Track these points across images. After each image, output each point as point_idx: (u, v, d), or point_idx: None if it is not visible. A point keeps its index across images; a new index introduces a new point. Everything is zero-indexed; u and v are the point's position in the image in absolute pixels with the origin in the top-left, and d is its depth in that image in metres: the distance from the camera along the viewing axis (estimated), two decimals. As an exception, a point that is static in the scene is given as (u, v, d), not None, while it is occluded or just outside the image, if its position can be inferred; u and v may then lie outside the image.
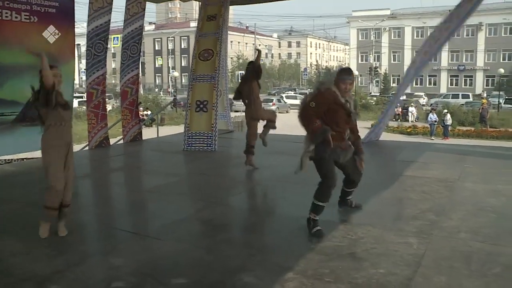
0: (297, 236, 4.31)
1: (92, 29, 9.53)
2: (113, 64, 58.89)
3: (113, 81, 53.75)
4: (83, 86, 56.64)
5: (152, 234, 4.47)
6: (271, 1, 12.75)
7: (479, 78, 57.08)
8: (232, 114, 21.77)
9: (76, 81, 68.72)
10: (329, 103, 4.20)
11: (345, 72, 4.38)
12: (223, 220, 4.90)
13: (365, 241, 4.10)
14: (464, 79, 57.59)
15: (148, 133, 16.51)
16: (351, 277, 3.41)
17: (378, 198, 5.55)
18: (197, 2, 10.42)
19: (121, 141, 11.00)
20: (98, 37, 9.62)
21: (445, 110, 25.24)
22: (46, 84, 4.09)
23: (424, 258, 3.71)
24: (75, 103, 26.64)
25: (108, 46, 10.20)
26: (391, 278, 3.37)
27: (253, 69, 7.23)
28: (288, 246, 4.05)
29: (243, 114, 7.64)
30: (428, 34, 50.79)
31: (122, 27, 10.35)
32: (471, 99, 39.62)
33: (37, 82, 4.25)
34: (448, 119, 23.70)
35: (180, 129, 9.80)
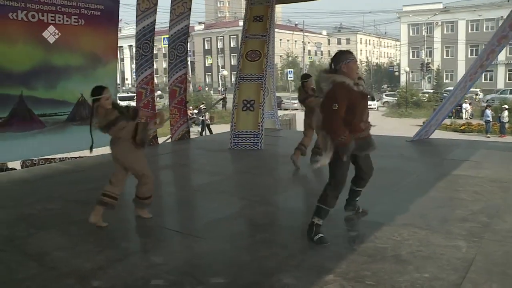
0: (339, 237, 4.20)
1: (140, 30, 9.73)
2: (164, 64, 59.98)
3: (164, 80, 54.91)
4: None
5: (194, 233, 4.48)
6: (318, -2, 12.61)
7: (541, 72, 54.09)
8: (281, 112, 21.69)
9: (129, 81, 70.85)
10: (348, 98, 3.82)
11: (344, 54, 3.99)
12: (264, 220, 4.84)
13: (410, 243, 3.93)
14: (525, 74, 54.74)
15: (197, 131, 16.70)
16: (394, 280, 3.27)
17: (426, 198, 5.33)
18: (246, 1, 10.41)
19: (169, 140, 11.16)
20: (145, 37, 9.81)
21: (504, 106, 24.08)
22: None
23: (474, 263, 3.51)
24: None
25: (159, 46, 10.38)
26: (436, 283, 3.20)
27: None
28: (330, 247, 3.94)
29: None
30: (484, 28, 48.07)
31: (168, 27, 10.49)
32: (531, 95, 37.77)
33: (84, 84, 4.44)
34: (505, 116, 22.63)
35: (228, 127, 9.86)
